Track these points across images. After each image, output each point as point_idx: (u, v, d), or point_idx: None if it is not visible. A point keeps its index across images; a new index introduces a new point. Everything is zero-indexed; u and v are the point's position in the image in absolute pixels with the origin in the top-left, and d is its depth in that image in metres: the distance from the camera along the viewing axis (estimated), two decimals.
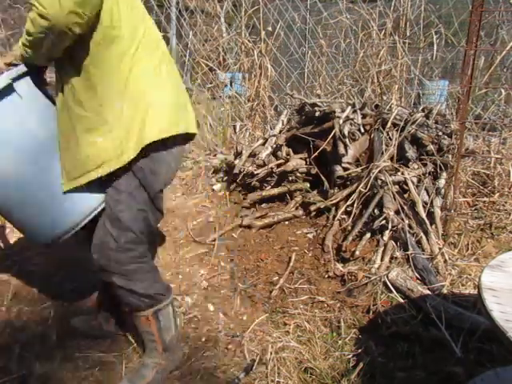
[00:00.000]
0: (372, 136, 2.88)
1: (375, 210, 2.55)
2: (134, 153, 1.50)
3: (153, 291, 1.70)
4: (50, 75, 1.62)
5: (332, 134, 2.84)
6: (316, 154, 2.91)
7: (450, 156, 2.76)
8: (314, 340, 1.99)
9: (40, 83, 1.62)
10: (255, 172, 3.03)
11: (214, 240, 2.74)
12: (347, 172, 2.73)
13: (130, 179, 1.57)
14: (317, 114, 3.01)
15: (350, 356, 1.91)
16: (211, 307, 2.30)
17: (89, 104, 1.49)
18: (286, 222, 2.89)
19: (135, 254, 1.65)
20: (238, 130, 3.98)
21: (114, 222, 1.60)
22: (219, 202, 3.14)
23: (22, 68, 1.53)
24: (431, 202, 2.58)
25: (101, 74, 1.46)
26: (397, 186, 2.64)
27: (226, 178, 3.32)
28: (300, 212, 2.91)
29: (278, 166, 3.05)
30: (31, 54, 1.46)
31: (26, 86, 1.55)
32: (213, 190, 3.27)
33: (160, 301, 1.73)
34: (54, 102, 1.63)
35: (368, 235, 2.49)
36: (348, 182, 2.82)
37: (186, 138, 1.67)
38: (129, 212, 1.59)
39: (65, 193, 1.59)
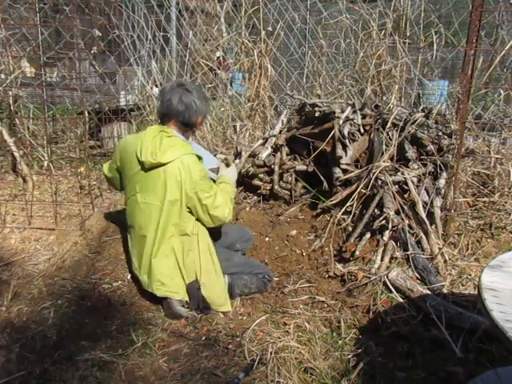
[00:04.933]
0: (372, 136, 2.88)
1: (375, 210, 2.55)
2: None
3: None
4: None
5: (331, 134, 2.84)
6: (315, 154, 2.91)
7: (450, 156, 2.76)
8: (314, 340, 1.99)
9: None
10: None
11: None
12: (346, 176, 2.72)
13: None
14: (317, 114, 3.01)
15: (350, 356, 1.91)
16: None
17: None
18: (286, 223, 2.89)
19: None
20: (238, 129, 3.98)
21: None
22: None
23: None
24: (431, 202, 2.58)
25: None
26: (397, 186, 2.64)
27: None
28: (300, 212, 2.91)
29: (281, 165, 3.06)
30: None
31: None
32: None
33: None
34: None
35: (368, 235, 2.49)
36: (348, 182, 2.82)
37: None
38: None
39: None
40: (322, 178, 2.90)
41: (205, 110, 2.21)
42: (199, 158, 2.17)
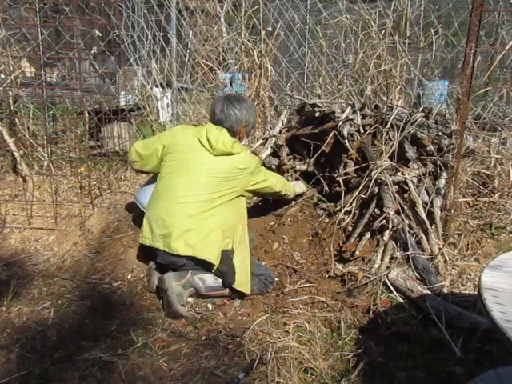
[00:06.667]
0: (365, 143, 2.86)
1: (375, 210, 2.55)
2: None
3: None
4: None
5: (331, 135, 2.84)
6: (316, 156, 2.91)
7: (450, 156, 2.76)
8: (314, 340, 1.99)
9: None
10: None
11: None
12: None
13: None
14: (317, 114, 3.01)
15: (350, 356, 1.91)
16: (211, 307, 2.30)
17: None
18: (286, 224, 2.89)
19: None
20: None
21: None
22: None
23: None
24: (431, 202, 2.58)
25: None
26: (397, 186, 2.64)
27: None
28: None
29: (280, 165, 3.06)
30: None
31: None
32: None
33: None
34: None
35: (368, 235, 2.49)
36: (349, 183, 2.82)
37: None
38: None
39: None
40: (321, 179, 2.91)
41: (245, 119, 2.46)
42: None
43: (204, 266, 2.30)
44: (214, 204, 2.34)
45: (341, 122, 2.83)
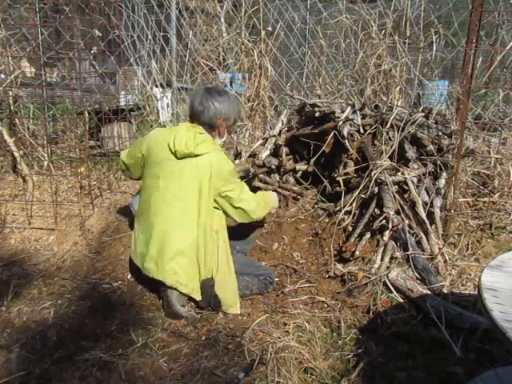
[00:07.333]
0: (365, 143, 2.86)
1: (375, 210, 2.55)
2: None
3: None
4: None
5: (331, 135, 2.84)
6: (316, 156, 2.91)
7: (450, 156, 2.76)
8: (314, 340, 1.99)
9: None
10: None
11: None
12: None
13: None
14: (317, 114, 3.01)
15: (350, 356, 1.91)
16: None
17: None
18: (286, 224, 2.89)
19: None
20: (238, 130, 3.98)
21: None
22: None
23: None
24: (431, 202, 2.58)
25: None
26: (397, 186, 2.64)
27: None
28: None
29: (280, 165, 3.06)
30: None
31: None
32: None
33: None
34: None
35: (368, 235, 2.49)
36: (349, 183, 2.82)
37: None
38: None
39: None
40: (322, 178, 2.90)
41: (225, 112, 2.28)
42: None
43: None
44: (184, 221, 2.19)
45: (341, 122, 2.83)
